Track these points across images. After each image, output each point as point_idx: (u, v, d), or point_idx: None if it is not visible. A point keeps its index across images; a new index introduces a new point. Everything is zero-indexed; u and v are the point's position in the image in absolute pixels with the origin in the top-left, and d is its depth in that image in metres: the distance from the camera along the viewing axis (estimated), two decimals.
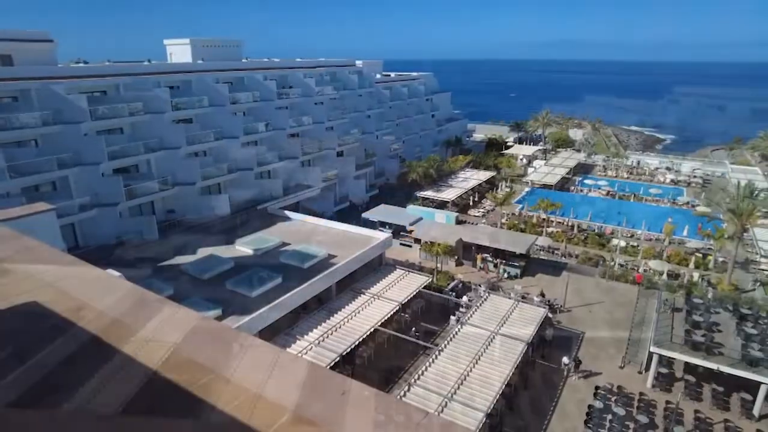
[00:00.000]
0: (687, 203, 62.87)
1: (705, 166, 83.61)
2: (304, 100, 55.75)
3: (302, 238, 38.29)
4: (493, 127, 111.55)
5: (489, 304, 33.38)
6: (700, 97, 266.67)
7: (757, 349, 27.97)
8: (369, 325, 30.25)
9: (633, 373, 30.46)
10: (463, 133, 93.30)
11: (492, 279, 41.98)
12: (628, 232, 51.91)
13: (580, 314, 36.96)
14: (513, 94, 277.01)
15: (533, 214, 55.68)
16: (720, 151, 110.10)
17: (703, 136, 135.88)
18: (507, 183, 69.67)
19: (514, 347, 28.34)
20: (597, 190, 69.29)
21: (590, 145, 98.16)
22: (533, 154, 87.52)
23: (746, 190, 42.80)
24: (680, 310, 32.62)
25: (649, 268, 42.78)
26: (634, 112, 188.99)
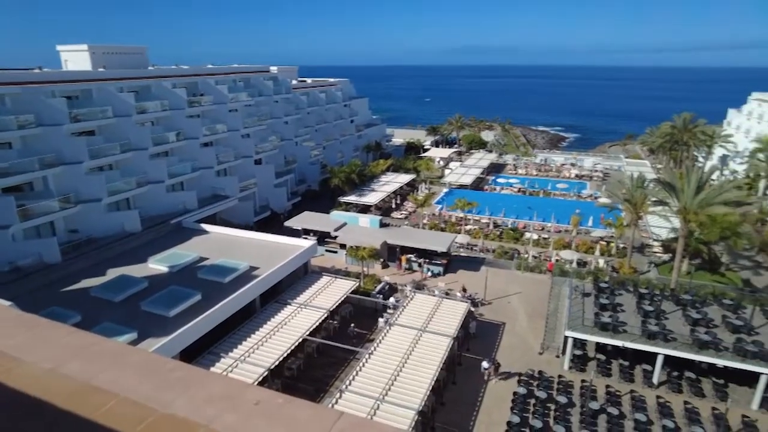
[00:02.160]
0: (590, 196, 68.22)
1: (604, 161, 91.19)
2: (218, 107, 53.84)
3: (221, 252, 36.91)
4: (411, 131, 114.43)
5: (415, 304, 34.09)
6: (600, 98, 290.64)
7: (653, 324, 30.92)
8: (297, 335, 29.77)
9: (551, 358, 32.47)
10: (382, 137, 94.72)
11: (417, 279, 42.95)
12: (539, 226, 55.38)
13: (500, 306, 38.82)
14: (428, 99, 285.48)
15: (452, 213, 57.73)
16: (616, 146, 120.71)
17: (602, 133, 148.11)
18: (426, 185, 71.62)
19: (441, 343, 29.15)
20: (509, 187, 73.21)
21: (501, 145, 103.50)
22: (449, 156, 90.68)
23: (638, 181, 47.17)
24: (589, 294, 35.28)
25: (560, 257, 45.87)
26: (541, 113, 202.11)
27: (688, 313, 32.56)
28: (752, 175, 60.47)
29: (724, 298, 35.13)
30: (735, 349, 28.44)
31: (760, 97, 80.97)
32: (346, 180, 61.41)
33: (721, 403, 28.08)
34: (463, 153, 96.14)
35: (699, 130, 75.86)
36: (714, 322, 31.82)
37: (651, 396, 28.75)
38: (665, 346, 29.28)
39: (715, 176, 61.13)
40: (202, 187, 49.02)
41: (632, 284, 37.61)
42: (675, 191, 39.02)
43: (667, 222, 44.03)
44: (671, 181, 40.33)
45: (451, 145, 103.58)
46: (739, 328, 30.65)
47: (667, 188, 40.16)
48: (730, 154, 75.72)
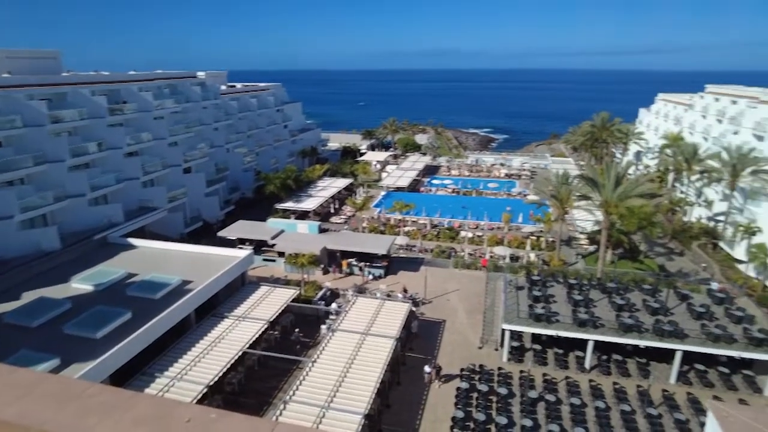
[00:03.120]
0: (519, 193, 71.26)
1: (531, 160, 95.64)
2: (142, 115, 51.23)
3: (152, 267, 35.08)
4: (346, 135, 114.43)
5: (357, 308, 34.06)
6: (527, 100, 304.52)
7: (583, 312, 32.77)
8: (236, 349, 28.83)
9: (491, 351, 33.55)
10: (318, 142, 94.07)
11: (359, 282, 42.96)
12: (474, 224, 57.19)
13: (440, 304, 39.65)
14: (362, 103, 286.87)
15: (391, 215, 58.34)
16: (542, 146, 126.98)
17: (529, 134, 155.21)
18: (364, 188, 71.90)
19: (385, 345, 29.32)
20: (444, 188, 75.09)
21: (435, 148, 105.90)
22: (385, 159, 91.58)
23: (563, 178, 49.89)
24: (522, 288, 36.80)
25: (494, 254, 47.56)
26: (471, 116, 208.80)
27: (613, 300, 34.79)
28: (662, 168, 65.66)
29: (644, 284, 37.92)
30: (654, 330, 30.73)
31: (665, 97, 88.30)
32: (282, 186, 60.40)
33: (644, 380, 30.23)
34: (398, 156, 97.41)
35: (616, 129, 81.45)
36: (636, 307, 34.21)
37: (584, 380, 30.43)
38: (594, 332, 31.12)
39: (631, 171, 65.83)
40: (128, 200, 46.42)
41: (562, 276, 39.66)
42: (597, 186, 41.61)
43: (591, 215, 46.91)
44: (593, 177, 42.96)
45: (386, 149, 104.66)
46: (657, 311, 33.15)
47: (590, 184, 42.75)
48: (643, 150, 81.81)
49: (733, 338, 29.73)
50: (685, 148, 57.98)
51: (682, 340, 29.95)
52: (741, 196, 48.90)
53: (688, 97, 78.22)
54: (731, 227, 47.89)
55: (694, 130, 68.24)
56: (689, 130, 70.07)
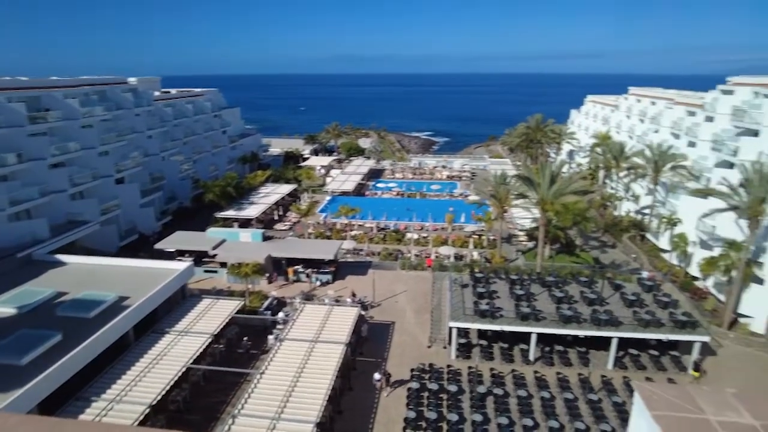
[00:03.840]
0: (461, 194, 73.02)
1: (471, 161, 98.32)
2: (68, 123, 48.11)
3: (84, 284, 33.00)
4: (288, 140, 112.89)
5: (305, 315, 33.58)
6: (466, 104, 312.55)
7: (525, 306, 33.97)
8: (179, 365, 27.63)
9: (439, 349, 34.08)
10: (258, 148, 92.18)
11: (306, 289, 42.39)
12: (419, 226, 57.99)
13: (389, 306, 39.86)
14: (303, 107, 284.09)
15: (336, 220, 58.06)
16: (480, 148, 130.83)
17: (468, 136, 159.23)
18: (309, 194, 71.14)
19: (334, 351, 29.08)
20: (389, 191, 75.69)
21: (378, 151, 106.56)
22: (329, 164, 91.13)
23: (501, 178, 51.59)
24: (467, 285, 37.68)
25: (439, 254, 48.42)
26: (413, 120, 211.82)
27: (552, 293, 36.32)
28: (593, 166, 69.38)
29: (580, 276, 39.85)
30: (592, 319, 32.35)
31: (593, 99, 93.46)
32: (222, 194, 58.62)
33: (585, 368, 31.78)
34: (342, 160, 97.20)
35: (549, 129, 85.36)
36: (574, 298, 35.88)
37: (529, 372, 31.52)
38: (537, 325, 32.34)
39: (565, 169, 69.11)
40: (55, 213, 43.44)
41: (504, 272, 40.96)
42: (533, 185, 43.36)
43: (529, 213, 48.78)
44: (529, 176, 44.73)
45: (330, 153, 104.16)
46: (593, 301, 34.94)
47: (526, 183, 44.50)
48: (575, 149, 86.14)
49: (660, 322, 31.83)
50: (613, 147, 61.55)
51: (617, 327, 31.71)
52: (663, 190, 52.50)
53: (614, 99, 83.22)
54: (656, 219, 51.30)
55: (621, 130, 72.64)
56: (616, 129, 74.49)
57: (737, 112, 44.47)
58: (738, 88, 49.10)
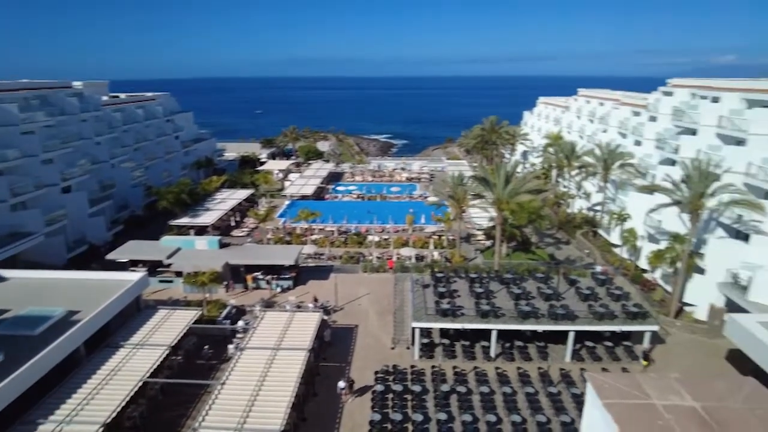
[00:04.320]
0: (420, 196, 73.77)
1: (429, 163, 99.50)
2: (6, 130, 45.52)
3: (29, 300, 31.26)
4: (245, 144, 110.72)
5: (266, 323, 32.99)
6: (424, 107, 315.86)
7: (485, 304, 34.61)
8: (135, 380, 26.55)
9: (403, 350, 34.23)
10: (213, 153, 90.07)
11: (266, 296, 41.68)
12: (380, 228, 58.15)
13: (352, 309, 39.74)
14: (259, 111, 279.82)
15: (296, 225, 57.42)
16: (438, 150, 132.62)
17: (425, 139, 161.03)
18: (267, 199, 70.04)
19: (297, 358, 28.69)
20: (349, 194, 75.58)
21: (337, 154, 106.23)
22: (287, 168, 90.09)
23: (458, 179, 52.42)
24: (428, 285, 38.03)
25: (400, 255, 48.70)
26: (371, 122, 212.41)
27: (511, 290, 37.16)
28: (546, 166, 71.56)
29: (537, 273, 40.97)
30: (549, 314, 33.30)
31: (545, 101, 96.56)
32: (176, 201, 56.85)
33: (544, 362, 32.65)
34: (301, 164, 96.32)
35: (503, 131, 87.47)
36: (531, 294, 36.83)
37: (491, 368, 32.11)
38: (497, 321, 33.00)
39: (519, 169, 70.95)
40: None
41: (464, 271, 41.61)
42: (489, 185, 44.30)
43: (486, 212, 49.76)
44: (485, 177, 45.66)
45: (288, 157, 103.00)
46: (550, 296, 35.96)
47: (483, 183, 45.42)
48: (528, 150, 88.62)
49: (614, 315, 33.13)
50: (565, 147, 63.69)
51: (573, 321, 32.76)
52: (613, 187, 54.77)
53: (565, 101, 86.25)
54: (607, 216, 53.42)
55: (571, 130, 75.30)
56: (567, 129, 77.16)
57: (677, 112, 46.97)
58: (677, 89, 51.89)
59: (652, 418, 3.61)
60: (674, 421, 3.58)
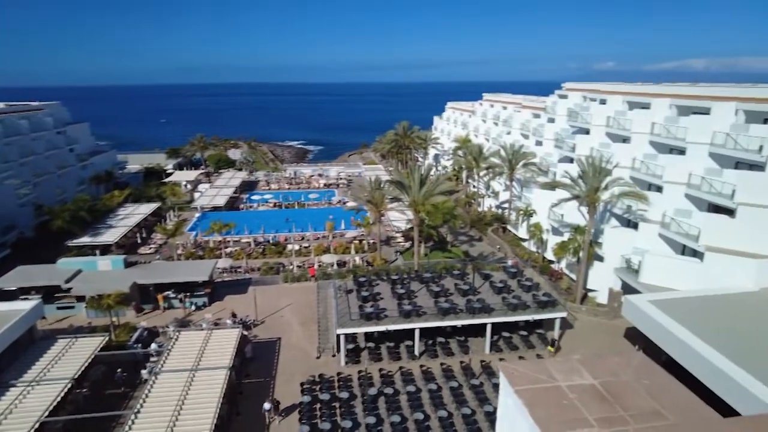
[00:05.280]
0: (339, 201, 73.68)
1: (346, 169, 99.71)
2: None
3: None
4: (149, 155, 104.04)
5: (182, 343, 31.23)
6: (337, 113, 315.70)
7: (407, 304, 35.29)
8: (31, 420, 23.94)
9: (329, 359, 33.93)
10: (114, 165, 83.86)
11: (180, 316, 39.45)
12: (299, 236, 57.29)
13: (274, 321, 38.75)
14: (163, 120, 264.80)
15: (209, 238, 54.95)
16: (354, 155, 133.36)
17: (341, 144, 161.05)
18: (175, 212, 66.36)
19: (217, 377, 27.46)
20: (265, 203, 73.65)
21: (250, 163, 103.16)
22: (197, 178, 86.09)
23: (376, 183, 53.06)
24: (351, 291, 38.06)
25: (322, 262, 48.31)
26: (284, 129, 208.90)
27: (431, 288, 38.23)
28: (457, 167, 74.65)
29: (454, 270, 42.48)
30: (467, 309, 34.66)
31: (453, 105, 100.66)
32: (73, 219, 52.16)
33: (465, 356, 33.92)
34: (211, 174, 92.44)
35: (415, 136, 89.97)
36: (450, 291, 38.14)
37: (416, 367, 32.76)
38: (419, 320, 33.78)
39: (432, 172, 73.39)
40: None
41: (385, 273, 42.17)
42: (405, 188, 45.35)
43: (404, 215, 50.88)
44: (401, 181, 46.67)
45: (196, 167, 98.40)
46: (467, 292, 37.45)
47: (399, 187, 46.39)
48: (440, 153, 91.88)
49: (526, 305, 35.19)
50: (473, 149, 66.78)
51: (489, 314, 34.36)
52: (518, 185, 58.26)
53: (471, 105, 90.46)
54: (514, 212, 56.71)
55: (478, 133, 79.09)
56: (474, 132, 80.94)
57: (571, 113, 51.02)
58: (571, 93, 56.38)
59: (558, 399, 3.89)
60: (577, 399, 3.89)
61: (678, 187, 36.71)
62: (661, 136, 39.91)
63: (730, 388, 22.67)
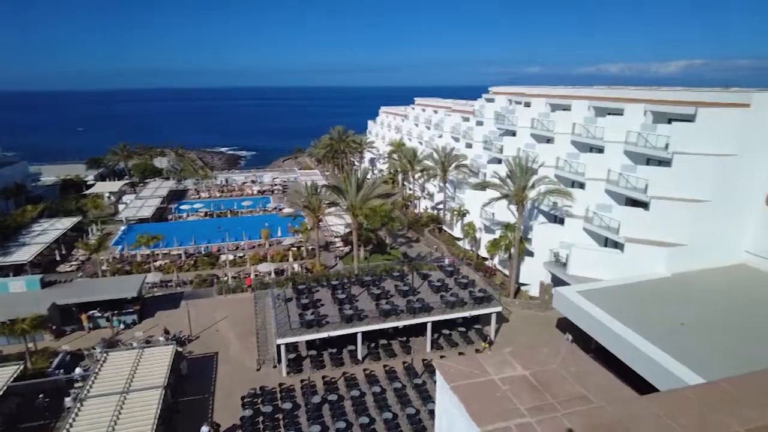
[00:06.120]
0: (275, 208, 72.30)
1: (281, 174, 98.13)
2: None
3: None
4: (67, 166, 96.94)
5: (110, 365, 29.28)
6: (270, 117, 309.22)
7: (348, 309, 35.18)
8: None
9: (270, 370, 33.12)
10: (25, 178, 77.57)
11: (108, 336, 37.02)
12: (233, 246, 55.58)
13: (210, 336, 37.29)
14: (81, 128, 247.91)
15: (136, 252, 52.06)
16: (289, 160, 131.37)
17: (275, 150, 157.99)
18: (98, 226, 62.26)
19: (151, 398, 26.00)
20: (195, 213, 70.80)
21: (178, 171, 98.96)
22: (121, 189, 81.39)
23: (312, 189, 52.55)
24: (291, 299, 37.40)
25: (258, 272, 47.12)
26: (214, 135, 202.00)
27: (371, 291, 38.35)
28: (392, 171, 75.47)
29: (393, 272, 42.89)
30: (407, 309, 35.09)
31: (386, 110, 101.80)
32: None
33: (408, 356, 34.29)
34: (136, 184, 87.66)
35: (351, 140, 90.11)
36: (390, 293, 38.45)
37: (359, 371, 32.69)
38: (361, 324, 33.77)
39: (369, 176, 73.79)
40: None
41: (325, 279, 41.81)
42: (342, 193, 45.25)
43: (342, 219, 50.76)
44: (338, 185, 46.54)
45: (120, 177, 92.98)
46: (407, 293, 37.92)
47: (336, 191, 46.22)
48: (375, 157, 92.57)
49: (464, 302, 36.16)
50: (407, 152, 67.87)
51: (429, 313, 34.98)
52: (451, 186, 59.83)
53: (404, 109, 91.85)
54: (449, 213, 58.16)
55: (412, 136, 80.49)
56: (408, 136, 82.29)
57: (498, 116, 53.10)
58: (497, 96, 58.69)
59: (492, 392, 4.04)
60: (509, 390, 4.06)
61: (599, 184, 39.25)
62: (582, 136, 42.48)
63: (649, 366, 24.50)
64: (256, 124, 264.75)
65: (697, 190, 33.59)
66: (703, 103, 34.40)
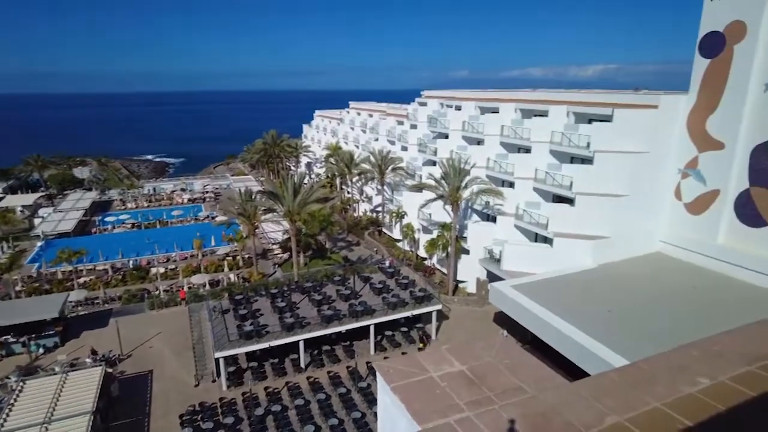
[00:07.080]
0: (207, 216, 69.75)
1: (213, 181, 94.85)
2: None
3: None
4: None
5: (28, 394, 26.96)
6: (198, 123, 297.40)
7: (289, 317, 34.55)
8: None
9: (209, 385, 31.87)
10: None
11: (25, 362, 34.10)
12: (164, 258, 53.02)
13: (143, 354, 35.34)
14: None
15: (57, 269, 48.36)
16: (221, 166, 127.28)
17: (205, 156, 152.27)
18: (10, 243, 57.27)
19: (78, 425, 24.22)
20: (121, 225, 66.92)
21: (101, 181, 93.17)
22: (35, 202, 75.35)
23: (247, 195, 51.19)
24: (228, 310, 36.17)
25: (192, 283, 45.25)
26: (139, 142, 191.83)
27: (313, 297, 37.90)
28: (330, 175, 75.07)
29: (335, 276, 42.63)
30: (350, 313, 35.00)
31: (321, 114, 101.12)
32: None
33: (352, 360, 34.16)
34: (54, 196, 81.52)
35: (285, 144, 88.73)
36: (332, 298, 38.19)
37: (303, 379, 32.19)
38: (302, 331, 33.26)
39: (306, 180, 72.97)
40: None
41: (264, 288, 40.83)
42: (278, 198, 44.39)
43: (280, 225, 49.81)
44: (274, 191, 45.62)
45: (34, 190, 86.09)
46: (348, 297, 37.83)
47: (272, 197, 45.28)
48: (312, 161, 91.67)
49: (405, 302, 36.60)
50: (344, 156, 67.75)
51: (372, 315, 35.09)
52: (389, 189, 60.41)
53: (339, 113, 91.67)
54: (387, 215, 58.67)
55: (348, 140, 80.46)
56: (344, 140, 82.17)
57: (431, 119, 54.30)
58: (430, 100, 59.98)
59: (431, 389, 4.12)
60: (448, 386, 4.16)
61: (527, 182, 41.12)
62: (510, 137, 44.33)
63: (580, 353, 25.94)
64: (183, 130, 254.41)
65: (616, 185, 36.01)
66: (618, 104, 36.99)
